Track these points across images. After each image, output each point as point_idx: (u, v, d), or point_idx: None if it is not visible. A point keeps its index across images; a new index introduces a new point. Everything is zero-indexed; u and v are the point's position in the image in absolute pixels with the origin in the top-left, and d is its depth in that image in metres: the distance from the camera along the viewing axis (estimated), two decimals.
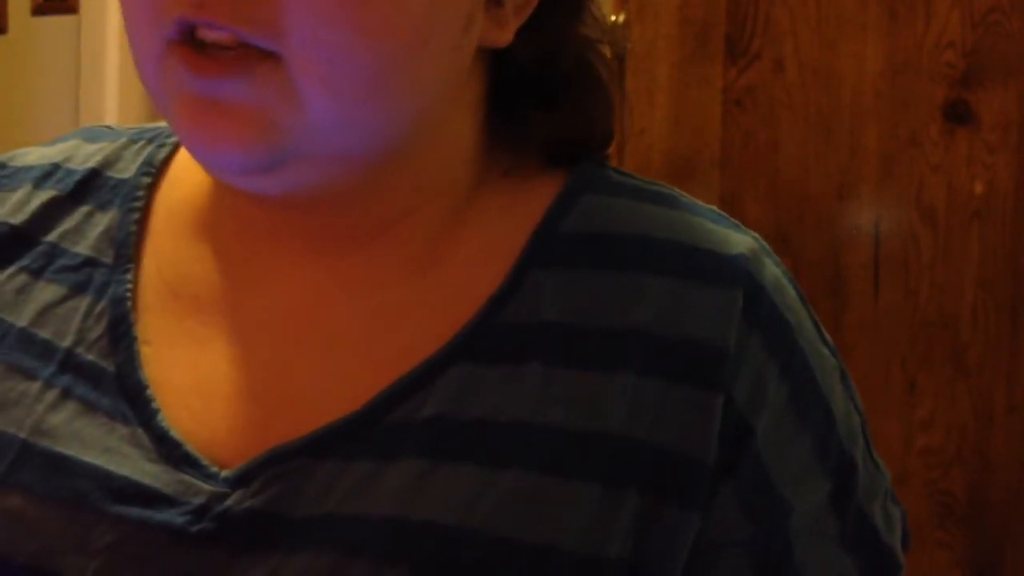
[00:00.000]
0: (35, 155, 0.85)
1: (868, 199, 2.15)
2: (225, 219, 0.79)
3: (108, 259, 0.79)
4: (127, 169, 0.83)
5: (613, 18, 2.19)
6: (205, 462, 0.73)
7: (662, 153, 2.20)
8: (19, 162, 0.85)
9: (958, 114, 2.11)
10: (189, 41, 0.68)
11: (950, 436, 2.13)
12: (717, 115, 2.20)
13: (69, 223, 0.81)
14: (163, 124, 0.86)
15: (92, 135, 0.87)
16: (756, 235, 0.78)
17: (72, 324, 0.78)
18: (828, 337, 0.79)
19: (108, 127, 0.89)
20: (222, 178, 0.74)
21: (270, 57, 0.68)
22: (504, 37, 0.75)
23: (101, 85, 2.66)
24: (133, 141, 0.85)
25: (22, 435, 0.75)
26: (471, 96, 0.77)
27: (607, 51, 0.81)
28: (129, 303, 0.78)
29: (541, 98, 0.78)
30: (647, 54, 2.18)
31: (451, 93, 0.75)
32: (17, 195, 0.83)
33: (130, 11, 0.71)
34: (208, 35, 0.68)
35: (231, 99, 0.68)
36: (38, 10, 2.78)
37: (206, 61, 0.68)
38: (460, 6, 0.72)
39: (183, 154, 0.83)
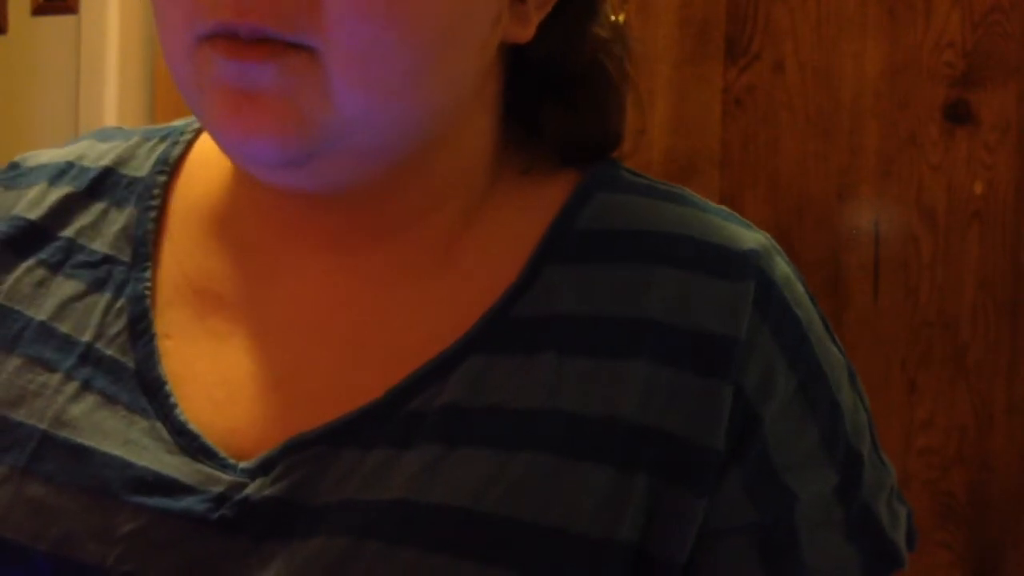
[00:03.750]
0: (48, 155, 0.86)
1: (868, 199, 2.15)
2: (244, 215, 0.80)
3: (126, 257, 0.80)
4: (141, 167, 0.84)
5: (613, 18, 2.19)
6: (223, 454, 0.74)
7: (662, 153, 2.20)
8: (33, 162, 0.86)
9: (958, 114, 2.11)
10: (223, 33, 0.68)
11: (950, 436, 2.13)
12: (717, 115, 2.20)
13: (85, 219, 0.82)
14: (176, 123, 0.86)
15: (104, 135, 0.88)
16: (766, 234, 0.79)
17: (92, 319, 0.78)
18: (835, 336, 0.80)
19: (120, 128, 0.89)
20: (252, 171, 0.74)
21: (304, 50, 0.68)
22: (526, 33, 0.76)
23: (101, 85, 2.65)
24: (146, 139, 0.86)
25: (43, 426, 0.76)
26: (489, 94, 0.78)
27: (619, 52, 0.82)
28: (148, 301, 0.78)
29: (556, 97, 0.79)
30: (647, 54, 2.18)
31: (472, 93, 0.76)
32: (33, 192, 0.84)
33: (163, 9, 0.71)
34: (244, 30, 0.68)
35: (264, 88, 0.68)
36: (38, 10, 2.78)
37: (241, 47, 0.68)
38: (490, 3, 0.73)
39: (198, 151, 0.84)
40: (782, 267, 0.77)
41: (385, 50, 0.68)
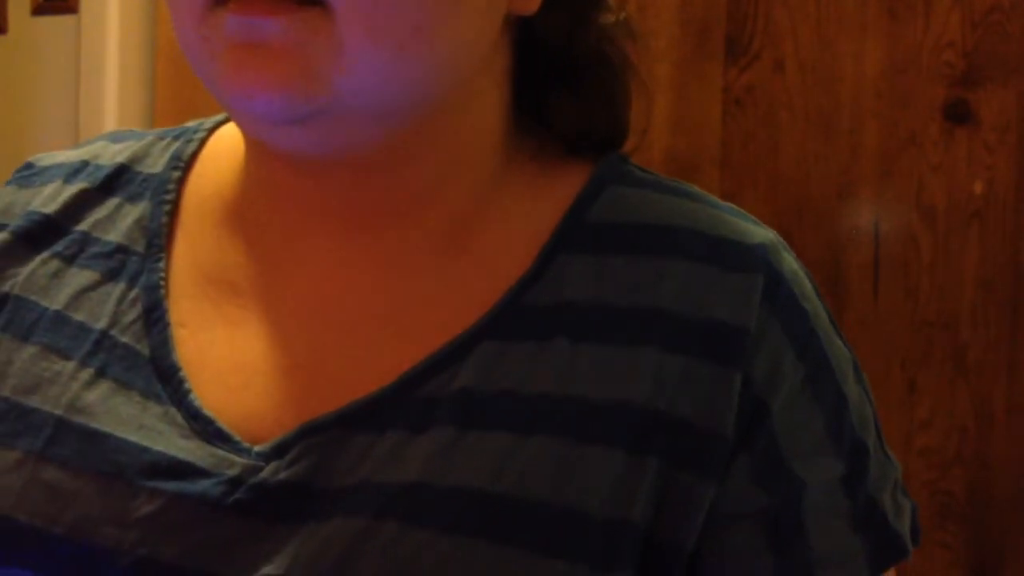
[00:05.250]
0: (63, 155, 0.88)
1: (868, 199, 2.16)
2: (256, 203, 0.80)
3: (140, 248, 0.81)
4: (156, 164, 0.85)
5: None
6: (237, 438, 0.74)
7: (662, 152, 2.21)
8: (47, 161, 0.88)
9: (958, 114, 2.12)
10: None
11: (950, 436, 2.14)
12: (717, 115, 2.21)
13: (100, 213, 0.83)
14: (189, 124, 0.87)
15: (117, 137, 0.89)
16: (773, 231, 0.80)
17: (106, 308, 0.79)
18: (841, 332, 0.81)
19: (132, 130, 0.91)
20: (259, 132, 0.75)
21: (315, 5, 0.69)
22: (531, 5, 0.77)
23: (101, 85, 2.65)
24: (160, 139, 0.87)
25: (58, 412, 0.76)
26: (497, 70, 0.79)
27: (625, 46, 0.82)
28: (162, 290, 0.79)
29: (563, 85, 0.80)
30: (647, 54, 2.19)
31: (480, 60, 0.77)
32: (48, 189, 0.85)
33: None
34: None
35: (271, 40, 0.69)
36: (38, 10, 2.78)
37: (252, 3, 0.68)
38: None
39: (211, 147, 0.85)
40: (790, 262, 0.79)
41: (394, 5, 0.69)
